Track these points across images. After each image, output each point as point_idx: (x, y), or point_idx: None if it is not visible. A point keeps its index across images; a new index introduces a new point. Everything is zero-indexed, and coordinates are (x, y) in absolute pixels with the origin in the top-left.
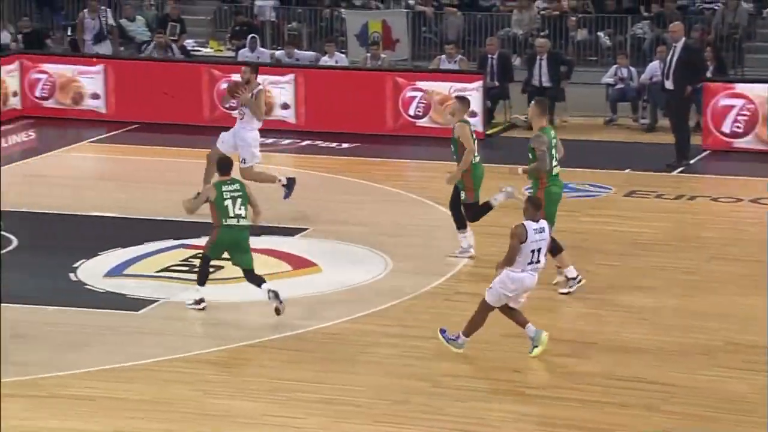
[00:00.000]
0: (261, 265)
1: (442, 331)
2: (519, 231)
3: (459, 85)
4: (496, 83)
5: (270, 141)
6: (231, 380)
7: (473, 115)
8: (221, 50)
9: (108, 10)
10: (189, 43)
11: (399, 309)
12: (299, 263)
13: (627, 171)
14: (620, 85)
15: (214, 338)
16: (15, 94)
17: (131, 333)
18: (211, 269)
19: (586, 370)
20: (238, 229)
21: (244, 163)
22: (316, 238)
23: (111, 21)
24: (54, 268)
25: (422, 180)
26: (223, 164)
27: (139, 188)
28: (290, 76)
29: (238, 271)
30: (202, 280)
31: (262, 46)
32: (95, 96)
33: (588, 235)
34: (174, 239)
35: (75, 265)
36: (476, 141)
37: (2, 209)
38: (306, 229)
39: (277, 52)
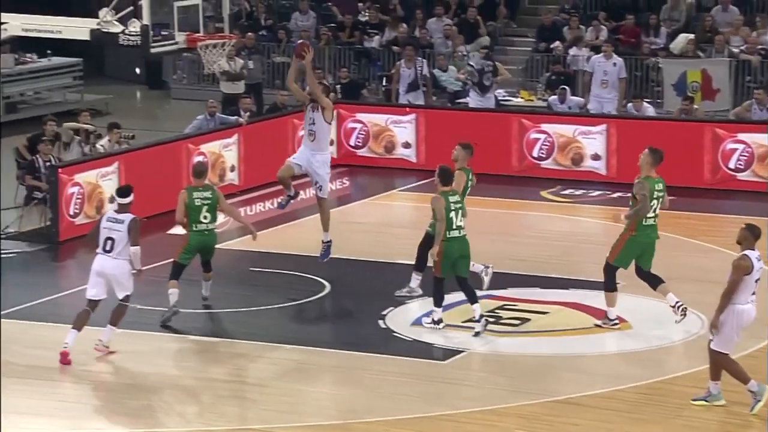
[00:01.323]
0: (568, 319)
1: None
2: (744, 263)
3: None
4: None
5: (579, 192)
6: None
7: None
8: (532, 100)
9: (424, 60)
10: (500, 93)
11: None
12: None
13: None
14: None
15: (522, 392)
16: (331, 143)
17: (438, 382)
18: (516, 322)
19: None
20: (462, 239)
21: (321, 191)
22: (626, 293)
23: (426, 71)
24: (364, 314)
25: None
26: (446, 173)
27: None
28: (602, 127)
29: (543, 326)
30: (438, 302)
31: (573, 95)
32: (406, 145)
33: None
34: (480, 289)
35: (384, 313)
36: (468, 189)
37: (317, 254)
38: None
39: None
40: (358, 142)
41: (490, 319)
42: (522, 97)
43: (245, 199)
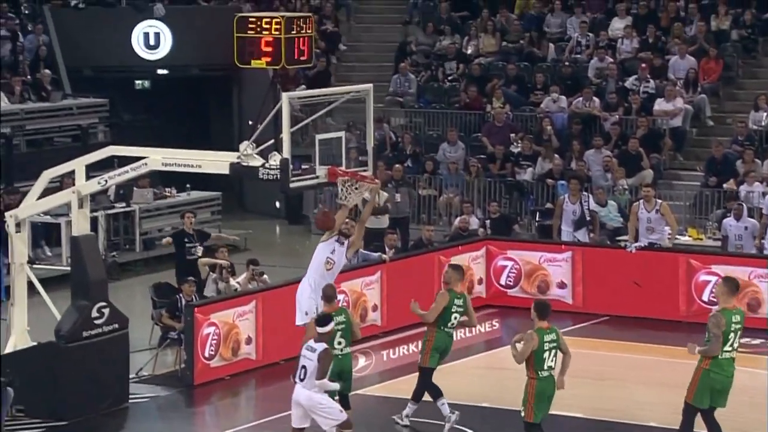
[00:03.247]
0: None
1: None
2: None
3: None
4: None
5: (757, 342)
6: None
7: None
8: (701, 239)
9: (590, 195)
10: (665, 229)
11: None
12: None
13: None
14: None
15: None
16: (480, 282)
17: None
18: None
19: None
20: (551, 380)
21: (306, 315)
22: None
23: (593, 206)
24: None
25: None
26: (543, 308)
27: (606, 386)
28: None
29: None
30: None
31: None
32: (561, 285)
33: None
34: None
35: None
36: (458, 313)
37: (464, 403)
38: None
39: None
40: (509, 281)
41: None
42: (690, 236)
43: (388, 342)
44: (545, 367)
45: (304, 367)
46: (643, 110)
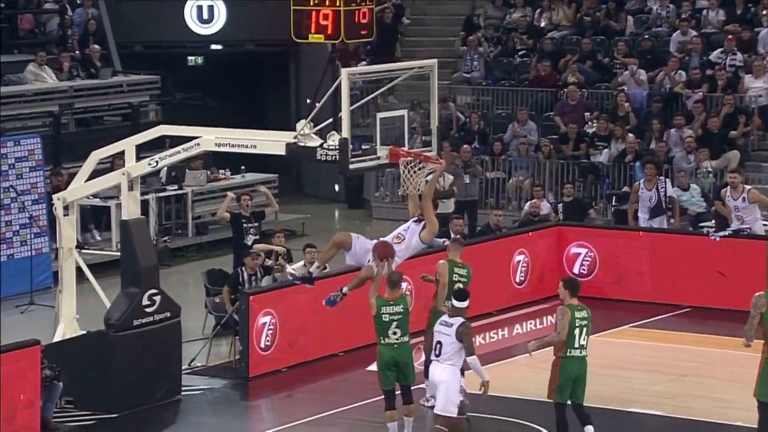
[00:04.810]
0: None
1: None
2: None
3: None
4: None
5: None
6: None
7: None
8: None
9: (667, 180)
10: (757, 218)
11: None
12: None
13: None
14: None
15: None
16: (551, 270)
17: None
18: None
19: None
20: (583, 360)
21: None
22: None
23: (671, 193)
24: None
25: None
26: (573, 285)
27: (687, 383)
28: None
29: None
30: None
31: None
32: (639, 274)
33: None
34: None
35: None
36: (462, 284)
37: (533, 399)
38: None
39: None
40: (583, 269)
41: None
42: None
43: None
44: (576, 345)
45: (439, 342)
46: (729, 87)
